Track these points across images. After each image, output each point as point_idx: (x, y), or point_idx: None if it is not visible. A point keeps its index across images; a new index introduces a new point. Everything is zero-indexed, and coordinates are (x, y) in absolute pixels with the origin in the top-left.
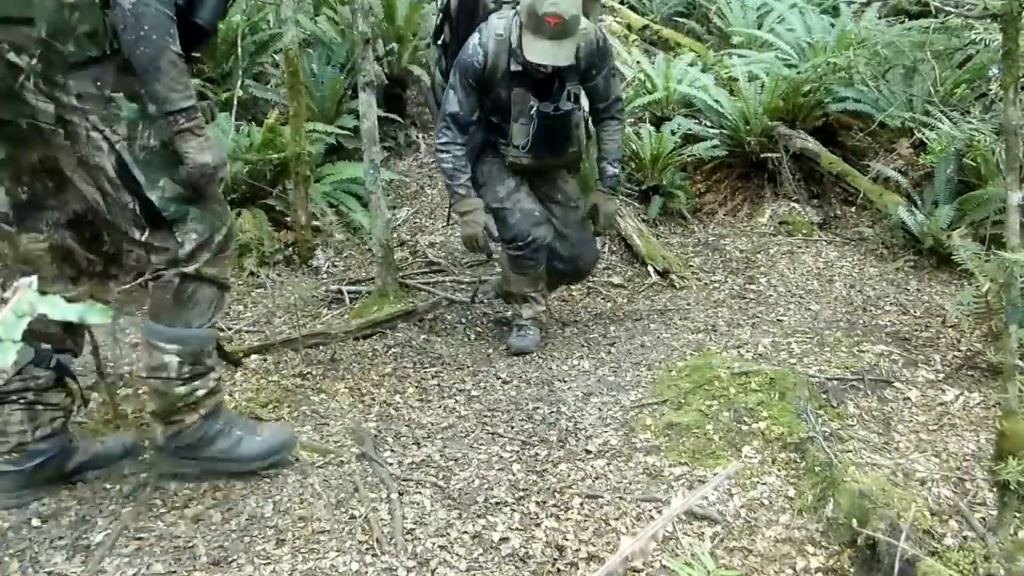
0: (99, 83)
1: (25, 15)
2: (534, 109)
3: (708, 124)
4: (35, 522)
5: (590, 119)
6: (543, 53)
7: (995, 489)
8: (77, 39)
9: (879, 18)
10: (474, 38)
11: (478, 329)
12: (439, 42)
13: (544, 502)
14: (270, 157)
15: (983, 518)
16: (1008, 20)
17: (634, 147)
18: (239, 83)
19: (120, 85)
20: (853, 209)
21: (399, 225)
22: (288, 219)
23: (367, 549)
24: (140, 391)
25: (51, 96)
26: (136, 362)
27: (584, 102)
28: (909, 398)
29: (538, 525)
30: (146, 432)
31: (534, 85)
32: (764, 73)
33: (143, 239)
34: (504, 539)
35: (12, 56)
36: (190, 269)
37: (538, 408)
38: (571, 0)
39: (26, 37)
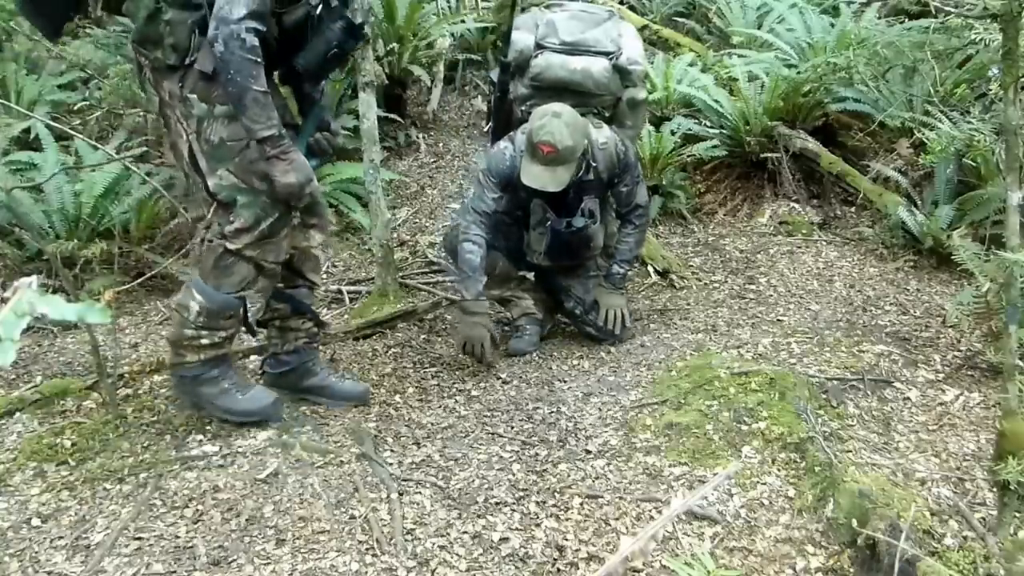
0: (182, 85)
1: (134, 22)
2: (548, 223)
3: (708, 124)
4: (35, 522)
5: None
6: (535, 177)
7: (995, 489)
8: (164, 49)
9: (879, 18)
10: (508, 148)
11: None
12: (486, 129)
13: (544, 502)
14: None
15: (983, 518)
16: (1008, 20)
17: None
18: None
19: (198, 88)
20: (853, 209)
21: (399, 225)
22: None
23: (367, 549)
24: (140, 391)
25: (156, 91)
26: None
27: (604, 207)
28: (909, 398)
29: (538, 525)
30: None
31: (553, 197)
32: (764, 73)
33: (209, 214)
34: (504, 539)
35: (140, 57)
36: (231, 246)
37: (538, 408)
38: (566, 131)
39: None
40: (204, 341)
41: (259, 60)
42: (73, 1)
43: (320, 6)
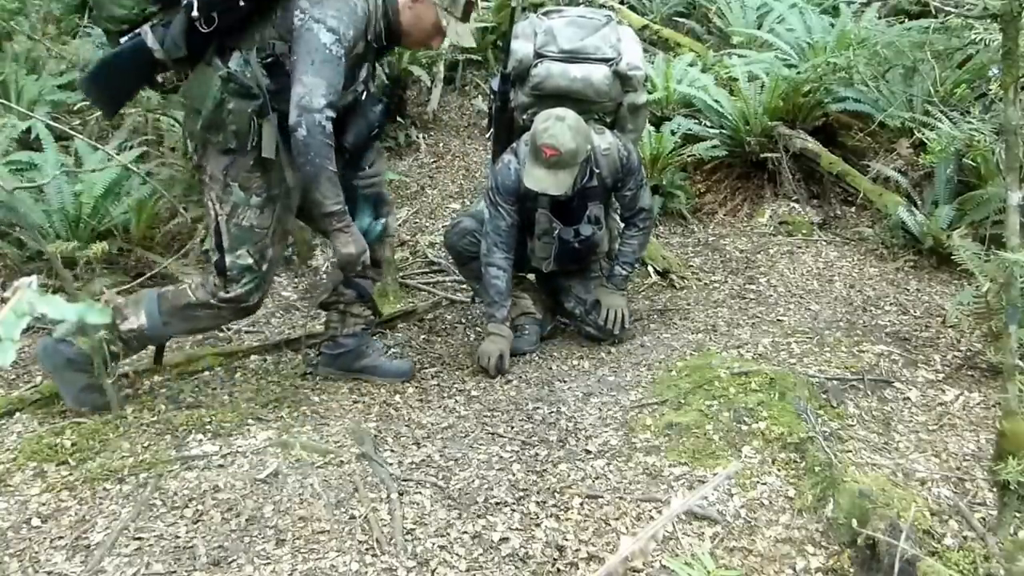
0: (226, 171)
1: (198, 107)
2: (556, 232)
3: (708, 124)
4: (35, 522)
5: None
6: (538, 180)
7: (995, 489)
8: (227, 133)
9: (879, 18)
10: (512, 161)
11: (478, 329)
12: (487, 137)
13: (544, 502)
14: None
15: (983, 518)
16: (1008, 20)
17: None
18: None
19: (240, 176)
20: (853, 209)
21: (399, 225)
22: None
23: (367, 549)
24: (140, 391)
25: (201, 164)
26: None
27: (608, 211)
28: (909, 398)
29: (538, 525)
30: None
31: (556, 205)
32: (764, 73)
33: (210, 279)
34: (504, 539)
35: (187, 140)
36: (213, 301)
37: (538, 408)
38: (569, 134)
39: (195, 123)
40: (114, 350)
41: (332, 144)
42: (135, 83)
43: (364, 92)
